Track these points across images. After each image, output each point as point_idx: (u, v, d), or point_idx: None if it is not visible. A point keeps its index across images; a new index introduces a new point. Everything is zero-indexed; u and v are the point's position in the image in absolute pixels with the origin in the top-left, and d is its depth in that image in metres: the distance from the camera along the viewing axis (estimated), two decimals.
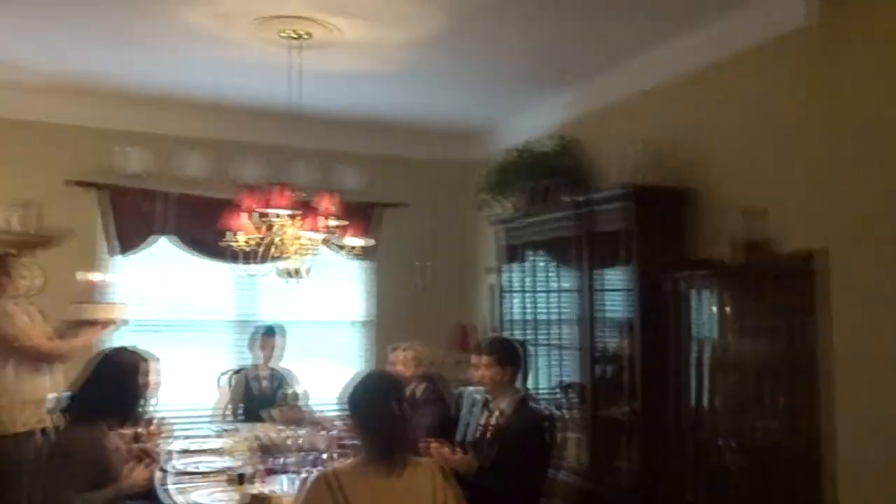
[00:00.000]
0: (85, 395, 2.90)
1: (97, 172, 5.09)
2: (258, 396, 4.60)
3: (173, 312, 5.53)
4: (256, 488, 2.92)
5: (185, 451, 3.63)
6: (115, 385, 2.90)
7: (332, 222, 3.66)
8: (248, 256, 3.65)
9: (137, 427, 3.53)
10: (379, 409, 2.20)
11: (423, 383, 4.09)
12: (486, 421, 3.37)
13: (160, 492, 2.99)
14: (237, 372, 4.94)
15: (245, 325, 5.47)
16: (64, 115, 5.02)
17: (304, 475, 2.95)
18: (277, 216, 3.51)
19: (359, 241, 3.73)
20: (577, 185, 4.23)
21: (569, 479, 3.75)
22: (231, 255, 3.67)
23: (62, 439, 2.74)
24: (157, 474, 3.18)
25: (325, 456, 3.32)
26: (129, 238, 5.15)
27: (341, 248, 3.84)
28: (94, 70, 4.39)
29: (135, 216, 5.14)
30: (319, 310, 5.84)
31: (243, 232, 3.60)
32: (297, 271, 3.63)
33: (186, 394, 5.20)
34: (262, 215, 3.57)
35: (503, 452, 3.11)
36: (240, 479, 2.99)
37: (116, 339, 4.79)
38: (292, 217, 3.55)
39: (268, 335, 4.83)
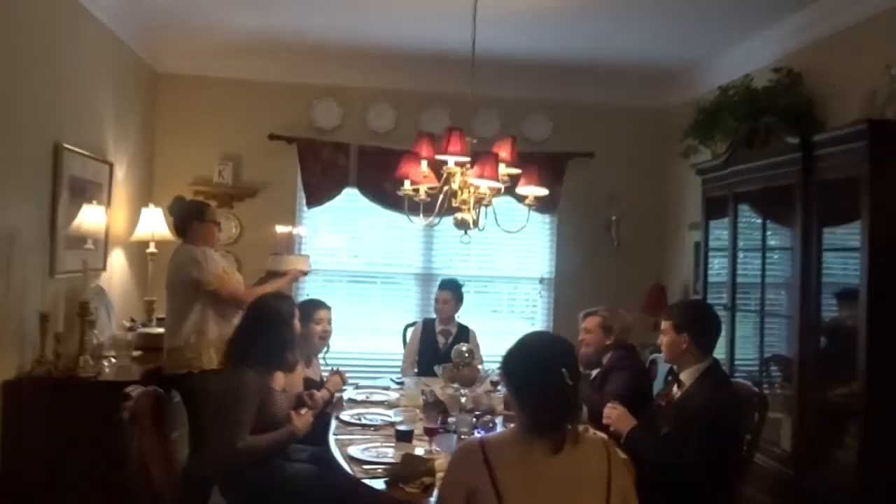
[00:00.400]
0: (242, 339, 2.96)
1: (295, 127, 5.28)
2: (440, 351, 4.53)
3: (360, 264, 5.65)
4: (418, 447, 2.82)
5: (352, 401, 3.63)
6: (269, 331, 2.92)
7: (508, 170, 3.41)
8: (426, 208, 3.53)
9: (307, 372, 3.59)
10: (538, 376, 1.86)
11: (611, 350, 3.74)
12: (667, 392, 3.00)
13: (332, 441, 2.99)
14: (412, 325, 4.93)
15: (429, 278, 5.45)
16: (266, 72, 5.25)
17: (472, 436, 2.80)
18: (452, 163, 3.33)
19: (535, 190, 3.44)
20: (798, 125, 3.57)
21: (766, 464, 3.24)
22: (410, 207, 3.56)
23: (229, 382, 2.81)
24: (333, 423, 3.20)
25: (497, 418, 3.16)
26: (321, 190, 5.30)
27: (520, 199, 3.58)
28: (290, 26, 4.50)
29: (326, 169, 5.27)
30: (502, 265, 5.67)
31: (418, 181, 3.46)
32: (474, 222, 3.44)
33: (367, 344, 5.31)
34: (438, 163, 3.41)
35: (675, 429, 2.74)
36: (399, 436, 2.89)
37: (305, 287, 5.01)
38: (465, 164, 3.35)
39: (442, 289, 4.73)
